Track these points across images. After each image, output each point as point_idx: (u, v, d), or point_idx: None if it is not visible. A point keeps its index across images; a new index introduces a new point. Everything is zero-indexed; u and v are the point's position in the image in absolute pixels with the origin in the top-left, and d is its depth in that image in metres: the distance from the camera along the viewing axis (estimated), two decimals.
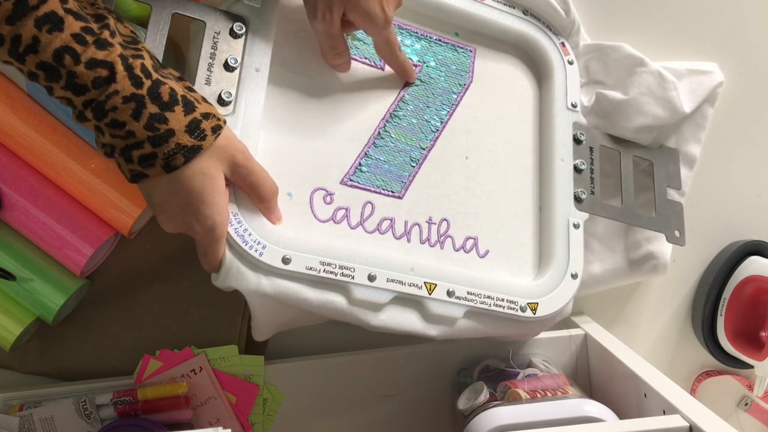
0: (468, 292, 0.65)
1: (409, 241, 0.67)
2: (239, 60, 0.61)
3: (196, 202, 0.53)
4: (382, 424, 0.76)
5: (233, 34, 0.61)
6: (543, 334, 0.78)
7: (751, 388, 0.88)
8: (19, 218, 0.65)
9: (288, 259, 0.58)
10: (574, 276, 0.71)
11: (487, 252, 0.70)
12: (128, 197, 0.66)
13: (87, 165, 0.65)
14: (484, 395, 0.68)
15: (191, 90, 0.55)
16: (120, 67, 0.49)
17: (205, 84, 0.60)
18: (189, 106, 0.52)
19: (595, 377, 0.77)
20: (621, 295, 0.86)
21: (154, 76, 0.51)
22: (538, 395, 0.67)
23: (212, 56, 0.60)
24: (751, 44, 0.84)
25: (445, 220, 0.69)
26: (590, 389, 0.78)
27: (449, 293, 0.65)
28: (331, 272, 0.60)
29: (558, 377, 0.71)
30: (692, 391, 0.90)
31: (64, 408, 0.67)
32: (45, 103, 0.65)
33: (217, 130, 0.53)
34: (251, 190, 0.57)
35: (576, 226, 0.73)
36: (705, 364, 0.90)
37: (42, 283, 0.66)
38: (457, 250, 0.69)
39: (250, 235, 0.58)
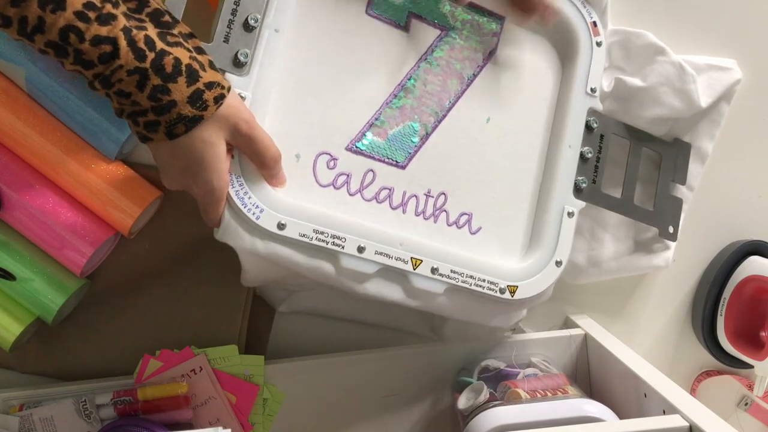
0: (451, 270, 0.67)
1: (404, 212, 0.68)
2: (260, 19, 0.61)
3: (196, 167, 0.56)
4: (382, 424, 0.76)
5: None
6: (543, 334, 0.78)
7: (751, 388, 0.88)
8: (19, 218, 0.65)
9: (283, 225, 0.61)
10: (558, 263, 0.71)
11: (479, 229, 0.71)
12: (128, 197, 0.66)
13: (87, 165, 0.65)
14: (484, 395, 0.68)
15: (200, 52, 0.55)
16: (123, 42, 0.50)
17: (224, 42, 0.60)
18: (192, 76, 0.53)
19: (595, 377, 0.77)
20: (621, 294, 0.86)
21: (159, 46, 0.52)
22: (538, 395, 0.67)
23: (233, 12, 0.60)
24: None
25: (443, 193, 0.69)
26: (590, 389, 0.78)
27: (433, 270, 0.66)
28: (323, 241, 0.62)
29: (558, 377, 0.71)
30: (692, 391, 0.90)
31: (64, 408, 0.67)
32: (45, 103, 0.65)
33: (219, 99, 0.55)
34: (253, 157, 0.59)
35: (570, 215, 0.73)
36: (705, 364, 0.90)
37: (42, 283, 0.66)
38: (450, 225, 0.70)
39: (249, 198, 0.60)
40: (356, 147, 0.66)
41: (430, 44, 0.70)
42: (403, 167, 0.68)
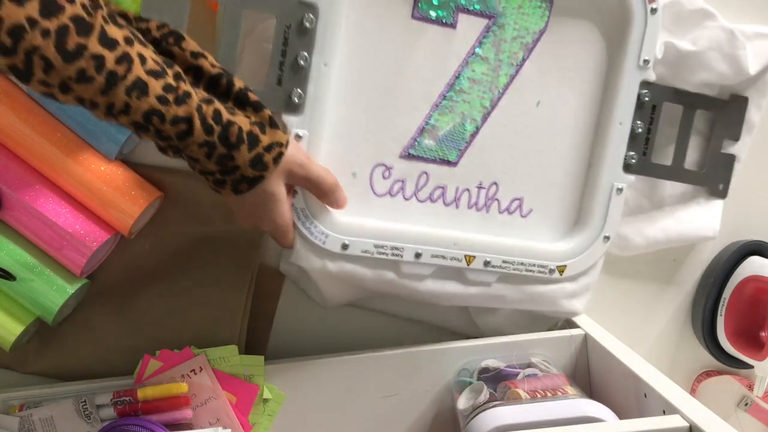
0: (503, 261, 0.72)
1: (457, 207, 0.72)
2: (309, 57, 0.63)
3: (261, 212, 0.62)
4: (382, 424, 0.76)
5: (303, 29, 0.62)
6: (543, 334, 0.78)
7: (751, 388, 0.88)
8: (19, 218, 0.65)
9: (347, 245, 0.67)
10: (606, 238, 0.74)
11: (530, 211, 0.74)
12: (128, 197, 0.66)
13: (87, 165, 0.65)
14: (484, 395, 0.68)
15: (258, 108, 0.58)
16: (197, 121, 0.54)
17: (277, 84, 0.63)
18: (253, 142, 0.58)
19: (595, 377, 0.77)
20: (621, 295, 0.86)
21: (224, 118, 0.56)
22: (538, 395, 0.67)
23: (283, 54, 0.63)
24: None
25: (495, 183, 0.73)
26: (590, 389, 0.78)
27: (486, 263, 0.72)
28: (383, 253, 0.69)
29: (558, 377, 0.71)
30: (692, 391, 0.90)
31: (64, 408, 0.67)
32: (45, 104, 0.65)
33: (278, 159, 0.59)
34: (311, 190, 0.65)
35: (619, 191, 0.74)
36: (705, 364, 0.90)
37: (42, 283, 0.66)
38: (501, 212, 0.73)
39: (315, 227, 0.66)
40: (409, 153, 0.70)
41: (478, 35, 0.69)
42: (455, 164, 0.72)
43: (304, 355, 0.75)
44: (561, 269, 0.74)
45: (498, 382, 0.71)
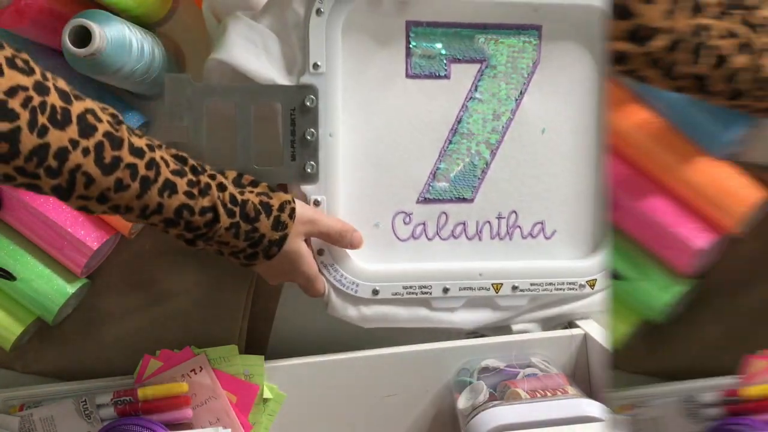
0: (531, 284, 0.74)
1: (480, 239, 0.75)
2: (315, 131, 0.67)
3: (291, 269, 0.67)
4: (382, 424, 0.76)
5: (306, 108, 0.66)
6: (543, 334, 0.78)
7: None
8: (19, 218, 0.66)
9: (377, 290, 0.71)
10: None
11: (554, 232, 0.76)
12: None
13: None
14: (484, 395, 0.68)
15: (255, 185, 0.64)
16: (221, 209, 0.59)
17: (291, 160, 0.67)
18: (267, 208, 0.62)
19: (595, 377, 0.77)
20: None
21: (239, 199, 0.61)
22: (538, 395, 0.67)
23: (292, 133, 0.67)
24: None
25: (514, 211, 0.75)
26: (590, 389, 0.78)
27: (514, 288, 0.74)
28: (413, 293, 0.73)
29: (558, 377, 0.71)
30: None
31: (64, 408, 0.67)
32: None
33: (292, 214, 0.64)
34: (326, 239, 0.69)
35: None
36: None
37: (42, 283, 0.66)
38: (524, 238, 0.75)
39: (345, 278, 0.70)
40: (425, 197, 0.73)
41: (474, 80, 0.72)
42: (472, 200, 0.74)
43: (304, 355, 0.75)
44: (592, 283, 0.76)
45: (498, 382, 0.71)
